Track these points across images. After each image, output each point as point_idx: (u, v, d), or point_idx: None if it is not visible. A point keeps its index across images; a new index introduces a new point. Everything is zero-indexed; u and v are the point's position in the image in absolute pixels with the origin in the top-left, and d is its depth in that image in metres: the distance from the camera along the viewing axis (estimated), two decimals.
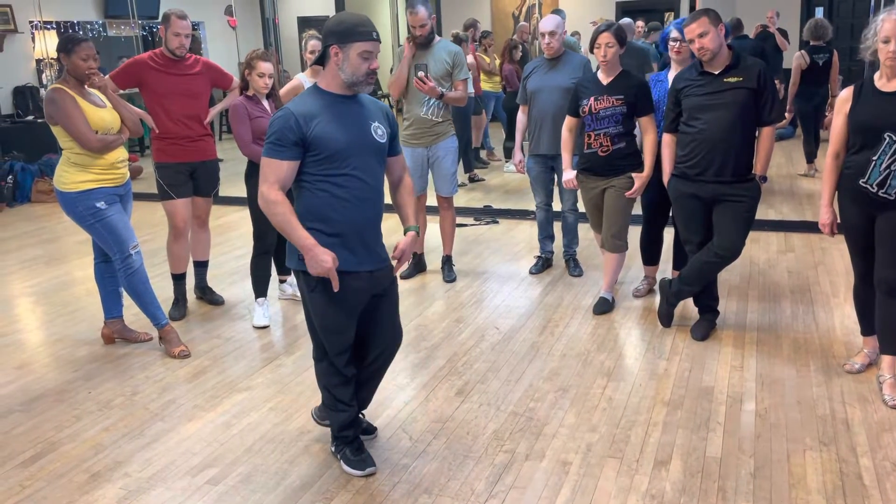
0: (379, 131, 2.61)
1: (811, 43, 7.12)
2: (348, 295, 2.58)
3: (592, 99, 4.00)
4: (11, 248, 6.21)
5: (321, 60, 2.57)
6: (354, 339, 2.72)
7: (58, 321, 4.46)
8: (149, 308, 3.85)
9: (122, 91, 4.18)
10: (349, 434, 2.80)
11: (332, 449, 2.87)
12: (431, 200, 4.98)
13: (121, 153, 3.77)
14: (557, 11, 8.46)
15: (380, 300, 2.70)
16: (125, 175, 3.82)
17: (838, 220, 3.32)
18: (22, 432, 3.17)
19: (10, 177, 7.95)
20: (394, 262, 2.72)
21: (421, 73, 4.45)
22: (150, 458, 2.92)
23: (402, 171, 2.80)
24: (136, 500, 2.67)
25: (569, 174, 4.29)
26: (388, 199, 2.74)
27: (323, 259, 2.47)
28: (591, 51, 4.07)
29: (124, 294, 3.99)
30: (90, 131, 3.58)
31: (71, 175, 3.64)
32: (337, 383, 2.73)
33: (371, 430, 3.02)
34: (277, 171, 2.48)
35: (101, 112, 3.67)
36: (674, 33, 3.99)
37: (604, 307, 4.25)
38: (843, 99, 3.15)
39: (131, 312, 4.14)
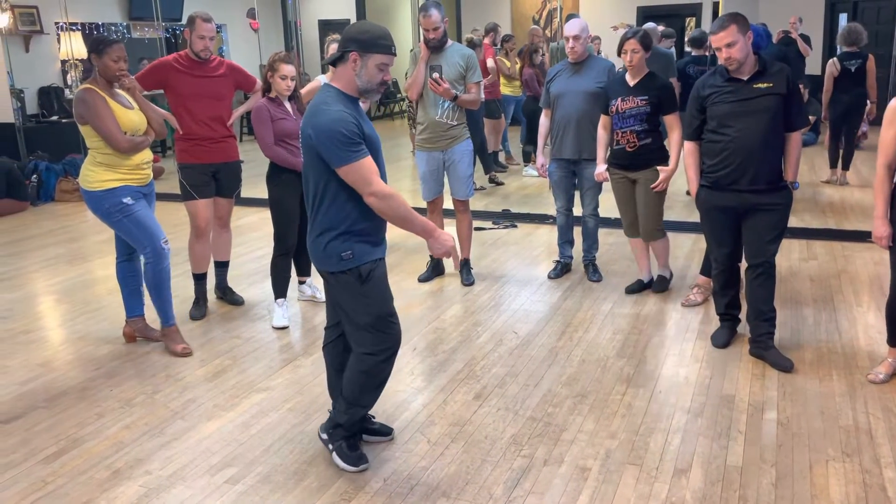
0: (375, 130, 2.72)
1: (844, 49, 7.02)
2: (385, 276, 2.73)
3: (619, 100, 4.25)
4: (35, 246, 6.29)
5: (336, 62, 2.61)
6: (339, 327, 2.84)
7: (80, 319, 4.51)
8: (163, 305, 3.90)
9: (146, 92, 4.22)
10: (355, 430, 2.85)
11: (324, 437, 2.88)
12: (447, 204, 4.98)
13: (146, 154, 3.82)
14: (573, 16, 8.45)
15: None
16: (149, 176, 3.87)
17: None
18: (45, 429, 3.20)
19: (35, 176, 8.06)
20: None
21: (436, 75, 4.46)
22: (170, 457, 2.95)
23: None
24: (157, 497, 2.69)
25: (600, 167, 4.51)
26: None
27: (446, 240, 2.65)
28: (619, 55, 4.24)
29: (145, 293, 4.02)
30: (120, 132, 3.63)
31: (97, 174, 3.68)
32: (379, 383, 2.77)
33: (387, 431, 3.03)
34: (371, 168, 2.52)
35: (130, 113, 3.72)
36: None
37: (662, 286, 4.59)
38: (894, 109, 3.10)
39: (153, 311, 4.18)
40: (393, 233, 5.90)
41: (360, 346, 2.71)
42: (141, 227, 3.72)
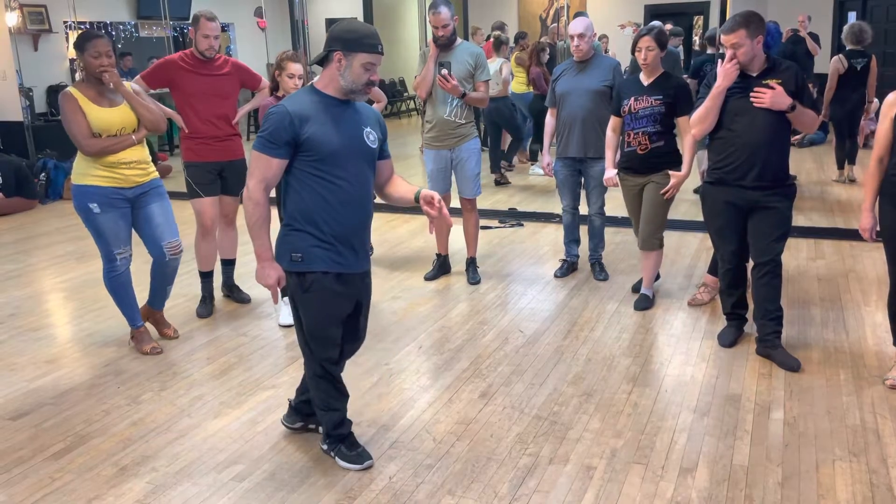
0: (371, 137, 2.64)
1: (850, 47, 7.00)
2: (339, 295, 2.65)
3: (633, 99, 4.12)
4: (43, 244, 6.32)
5: (322, 62, 2.58)
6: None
7: (88, 317, 4.53)
8: (125, 309, 3.94)
9: (152, 91, 4.24)
10: (343, 431, 2.85)
11: (325, 447, 2.90)
12: (454, 202, 4.98)
13: (130, 154, 3.70)
14: (581, 14, 8.44)
15: (360, 307, 2.78)
16: (141, 175, 3.77)
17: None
18: (52, 425, 3.22)
19: (43, 174, 8.10)
20: (429, 210, 2.60)
21: (444, 71, 4.46)
22: (177, 454, 2.96)
23: (391, 173, 2.82)
24: (163, 494, 2.70)
25: (610, 172, 4.37)
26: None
27: (269, 274, 2.60)
28: (633, 53, 4.17)
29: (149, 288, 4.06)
30: (85, 136, 3.59)
31: (79, 167, 3.72)
32: (329, 387, 2.79)
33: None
34: (266, 169, 2.53)
35: (108, 113, 3.63)
36: None
37: (644, 304, 4.32)
38: (890, 102, 3.09)
39: (165, 307, 4.19)
40: (398, 231, 5.92)
41: (303, 355, 2.78)
42: (99, 235, 3.78)
